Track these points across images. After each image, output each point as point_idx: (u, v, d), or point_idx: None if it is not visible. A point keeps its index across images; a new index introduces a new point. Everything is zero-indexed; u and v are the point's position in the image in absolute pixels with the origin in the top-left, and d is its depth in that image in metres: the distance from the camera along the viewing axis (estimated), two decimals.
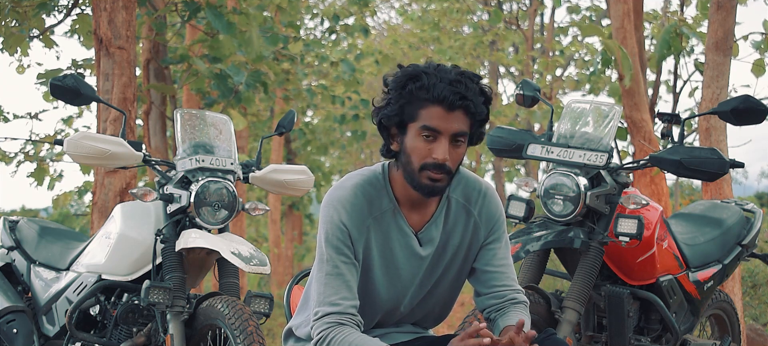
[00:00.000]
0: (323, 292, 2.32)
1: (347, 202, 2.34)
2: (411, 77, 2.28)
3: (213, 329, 3.51)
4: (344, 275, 2.32)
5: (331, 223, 2.33)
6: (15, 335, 3.98)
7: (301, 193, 4.07)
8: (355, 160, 22.74)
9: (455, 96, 2.24)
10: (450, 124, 2.25)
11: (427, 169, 2.28)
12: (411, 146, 2.29)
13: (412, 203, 2.39)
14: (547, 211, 3.57)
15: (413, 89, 2.27)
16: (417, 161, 2.28)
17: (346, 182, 2.38)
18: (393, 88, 2.31)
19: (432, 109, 2.25)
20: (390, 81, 2.33)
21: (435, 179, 2.28)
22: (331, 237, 2.33)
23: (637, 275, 3.65)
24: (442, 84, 2.24)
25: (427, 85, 2.25)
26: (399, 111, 2.29)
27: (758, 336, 6.06)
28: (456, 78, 2.26)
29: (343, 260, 2.33)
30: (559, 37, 15.70)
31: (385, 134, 2.36)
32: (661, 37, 7.04)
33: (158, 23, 7.56)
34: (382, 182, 2.39)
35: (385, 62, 13.72)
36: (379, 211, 2.37)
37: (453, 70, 2.29)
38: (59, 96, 3.77)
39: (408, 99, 2.28)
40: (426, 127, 2.26)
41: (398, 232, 2.39)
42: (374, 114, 2.37)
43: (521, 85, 3.91)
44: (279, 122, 4.08)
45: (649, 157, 3.59)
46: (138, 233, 3.70)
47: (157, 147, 7.85)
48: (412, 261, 2.41)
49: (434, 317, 2.57)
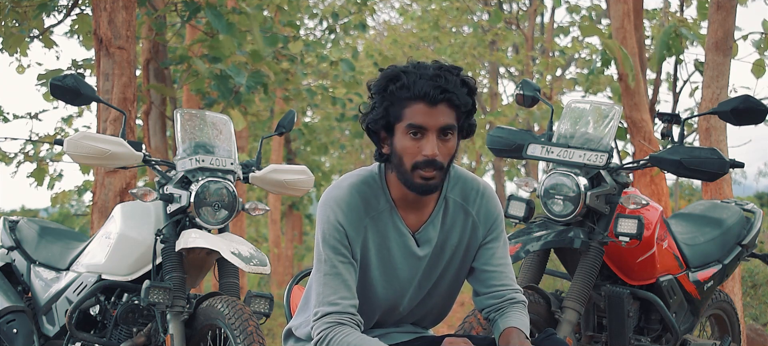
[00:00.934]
0: (322, 292, 2.32)
1: (343, 201, 2.34)
2: (391, 78, 2.30)
3: (213, 329, 3.51)
4: (342, 274, 2.32)
5: (328, 223, 2.33)
6: (15, 335, 3.98)
7: (301, 193, 4.07)
8: (355, 160, 22.74)
9: (436, 90, 2.25)
10: (435, 119, 2.26)
11: (419, 168, 2.28)
12: (400, 147, 2.29)
13: (408, 203, 2.39)
14: (547, 211, 3.57)
15: (394, 89, 2.28)
16: (408, 161, 2.29)
17: (343, 182, 2.39)
18: (375, 92, 2.32)
19: (415, 107, 2.26)
20: (372, 86, 2.34)
21: (427, 176, 2.28)
22: (328, 237, 2.33)
23: (637, 275, 3.65)
24: (422, 80, 2.25)
25: (408, 84, 2.26)
26: (384, 113, 2.30)
27: (758, 336, 6.06)
28: (435, 73, 2.27)
29: (341, 259, 2.33)
30: (559, 37, 15.69)
31: (375, 139, 2.37)
32: (659, 38, 7.05)
33: (158, 23, 7.56)
34: (379, 182, 2.40)
35: (385, 63, 13.73)
36: (375, 211, 2.37)
37: (432, 66, 2.30)
38: (59, 96, 3.77)
39: (391, 100, 2.29)
40: (412, 126, 2.26)
41: (395, 232, 2.39)
42: (361, 121, 2.38)
43: (521, 85, 3.91)
44: (279, 122, 4.08)
45: (649, 157, 3.59)
46: (138, 233, 3.70)
47: (157, 147, 7.85)
48: (409, 261, 2.41)
49: (434, 317, 2.57)
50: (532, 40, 15.22)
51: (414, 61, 2.35)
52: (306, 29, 13.55)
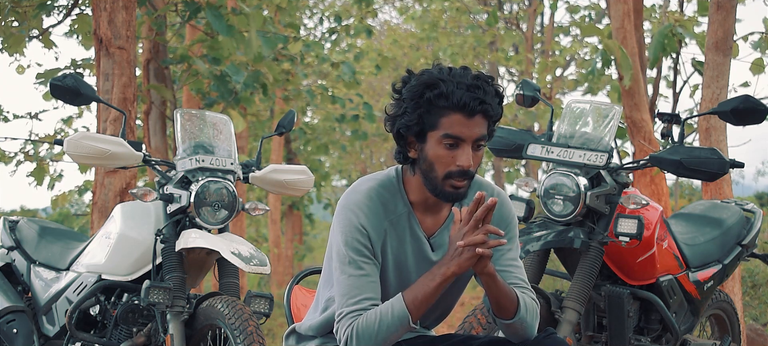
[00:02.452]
0: (347, 292, 2.29)
1: (364, 205, 2.32)
2: (428, 86, 2.25)
3: (213, 329, 3.51)
4: (369, 275, 2.30)
5: (350, 225, 2.31)
6: (15, 335, 3.98)
7: (301, 193, 4.07)
8: (355, 160, 22.74)
9: (475, 102, 2.22)
10: (471, 130, 2.24)
11: (452, 178, 2.26)
12: (433, 155, 2.27)
13: (426, 206, 2.38)
14: (547, 211, 3.57)
15: (431, 97, 2.24)
16: (441, 170, 2.27)
17: (360, 185, 2.37)
18: (409, 97, 2.28)
19: (453, 117, 2.23)
20: (404, 90, 2.30)
21: (458, 186, 2.27)
22: (350, 240, 2.30)
23: (637, 275, 3.65)
24: (461, 90, 2.22)
25: (446, 93, 2.22)
26: (418, 120, 2.26)
27: (758, 336, 6.06)
28: (473, 83, 2.24)
29: (365, 260, 2.31)
30: (559, 37, 15.70)
31: (402, 142, 2.33)
32: (655, 38, 7.05)
33: (158, 23, 7.56)
34: (396, 185, 2.38)
35: (385, 64, 13.73)
36: (394, 214, 2.36)
37: (468, 74, 2.26)
38: (59, 96, 3.77)
39: (427, 108, 2.25)
40: (448, 136, 2.24)
41: (412, 236, 2.38)
42: (389, 122, 2.34)
43: (521, 85, 3.91)
44: (279, 122, 4.08)
45: (649, 157, 3.59)
46: (138, 233, 3.70)
47: (157, 147, 7.85)
48: (423, 266, 2.39)
49: (436, 317, 2.56)
50: (532, 40, 15.21)
51: (445, 67, 2.30)
52: (306, 29, 13.55)
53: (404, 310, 2.23)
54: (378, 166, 23.86)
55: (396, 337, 2.26)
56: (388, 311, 2.24)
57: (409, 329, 2.25)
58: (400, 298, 2.25)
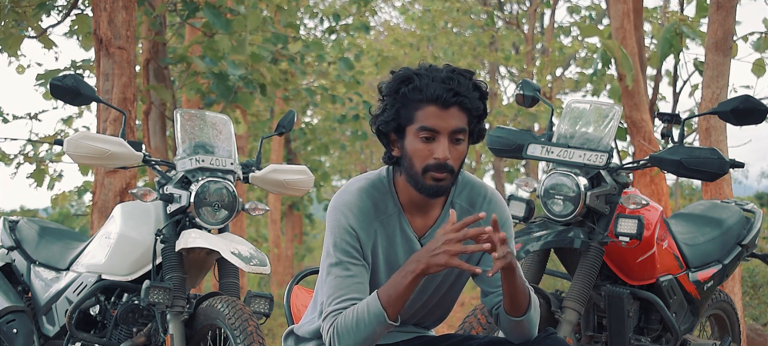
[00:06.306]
0: (333, 293, 2.30)
1: (354, 205, 2.33)
2: (403, 80, 2.29)
3: (213, 329, 3.51)
4: (356, 276, 2.31)
5: (340, 227, 2.32)
6: (15, 335, 3.98)
7: (301, 193, 4.07)
8: (355, 160, 22.74)
9: (449, 93, 2.24)
10: (447, 122, 2.26)
11: (430, 171, 2.27)
12: (411, 149, 2.29)
13: (416, 207, 2.39)
14: (547, 211, 3.57)
15: (406, 92, 2.27)
16: (419, 164, 2.28)
17: (351, 186, 2.38)
18: (387, 94, 2.32)
19: (427, 109, 2.26)
20: (383, 87, 2.34)
21: (438, 178, 2.28)
22: (339, 241, 2.32)
23: (637, 275, 3.65)
24: (435, 83, 2.25)
25: (420, 86, 2.26)
26: (395, 115, 2.29)
27: (758, 336, 6.06)
28: (448, 75, 2.27)
29: (353, 262, 2.32)
30: (560, 36, 15.69)
31: (385, 141, 2.36)
32: (662, 36, 7.04)
33: (156, 22, 7.55)
34: (387, 185, 2.39)
35: (385, 63, 13.73)
36: (384, 214, 2.37)
37: (445, 69, 2.29)
38: (59, 96, 3.77)
39: (402, 102, 2.28)
40: (423, 128, 2.26)
41: (402, 237, 2.39)
42: (372, 122, 2.37)
43: (521, 85, 3.91)
44: (279, 122, 4.08)
45: (649, 157, 3.59)
46: (138, 233, 3.70)
47: (157, 147, 7.85)
48: None
49: (435, 318, 2.57)
50: (532, 40, 15.21)
51: (426, 63, 2.34)
52: (306, 29, 13.54)
53: (379, 307, 2.23)
54: (378, 166, 23.83)
55: (376, 335, 2.25)
56: (365, 309, 2.24)
57: (388, 326, 2.24)
58: (375, 296, 2.25)
